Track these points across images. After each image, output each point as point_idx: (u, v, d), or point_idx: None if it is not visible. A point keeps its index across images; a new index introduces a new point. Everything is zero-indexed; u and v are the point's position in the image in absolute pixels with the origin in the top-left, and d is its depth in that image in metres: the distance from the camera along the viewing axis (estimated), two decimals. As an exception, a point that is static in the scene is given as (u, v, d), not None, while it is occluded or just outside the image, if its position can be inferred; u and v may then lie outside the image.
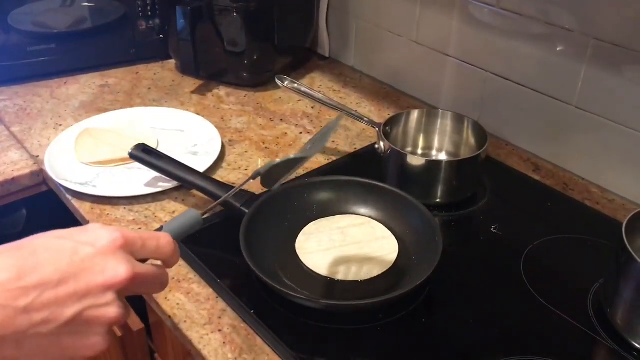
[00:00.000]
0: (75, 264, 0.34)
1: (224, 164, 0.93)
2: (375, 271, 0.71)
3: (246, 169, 0.92)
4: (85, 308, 0.34)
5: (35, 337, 0.33)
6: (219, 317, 0.66)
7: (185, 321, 0.65)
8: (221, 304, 0.67)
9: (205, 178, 0.81)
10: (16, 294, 0.32)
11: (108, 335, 0.36)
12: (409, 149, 0.92)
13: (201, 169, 0.87)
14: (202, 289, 0.70)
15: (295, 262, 0.72)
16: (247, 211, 0.74)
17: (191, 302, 0.68)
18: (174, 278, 0.71)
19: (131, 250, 0.37)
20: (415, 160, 0.82)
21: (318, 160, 0.95)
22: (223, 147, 0.96)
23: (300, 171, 0.92)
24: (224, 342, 0.63)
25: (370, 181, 0.80)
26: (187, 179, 0.81)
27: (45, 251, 0.34)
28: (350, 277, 0.70)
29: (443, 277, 0.70)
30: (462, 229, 0.82)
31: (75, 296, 0.34)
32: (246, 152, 0.96)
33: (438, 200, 0.83)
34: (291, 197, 0.79)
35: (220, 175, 0.90)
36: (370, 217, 0.79)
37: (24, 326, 0.32)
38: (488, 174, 0.90)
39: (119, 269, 0.36)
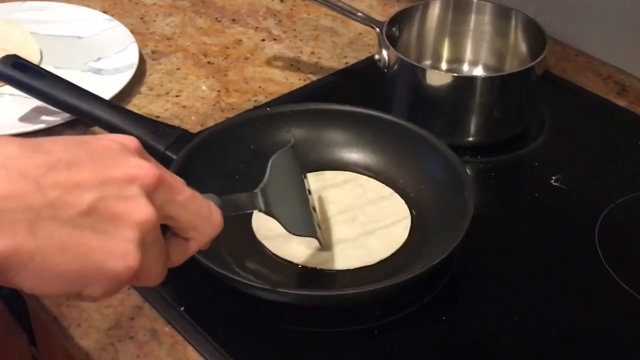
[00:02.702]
0: (89, 151, 0.40)
1: (144, 88, 0.91)
2: (375, 254, 0.69)
3: (177, 95, 0.90)
4: (106, 196, 0.39)
5: (51, 223, 0.37)
6: (132, 318, 0.65)
7: (79, 324, 0.64)
8: (135, 299, 0.66)
9: (114, 108, 0.79)
10: (23, 164, 0.37)
11: (139, 247, 0.40)
12: (428, 62, 0.91)
13: (107, 94, 0.85)
14: (107, 276, 0.68)
15: (250, 238, 0.71)
16: (175, 157, 0.72)
17: (89, 296, 0.66)
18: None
19: (163, 193, 0.42)
20: (437, 78, 0.80)
21: (289, 82, 0.93)
22: (142, 61, 0.94)
23: (262, 97, 0.91)
24: (137, 356, 0.62)
25: (366, 110, 0.78)
26: (85, 109, 0.79)
27: (50, 141, 0.40)
28: (338, 266, 0.68)
29: (474, 254, 0.69)
30: (506, 182, 0.81)
31: (93, 180, 0.39)
32: (178, 69, 0.94)
33: (470, 138, 0.82)
34: (243, 139, 0.77)
35: (136, 105, 0.88)
36: (363, 167, 0.78)
37: (37, 202, 0.37)
38: (547, 99, 0.88)
39: (142, 163, 0.41)
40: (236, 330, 0.64)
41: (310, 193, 0.68)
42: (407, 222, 0.72)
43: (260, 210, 0.59)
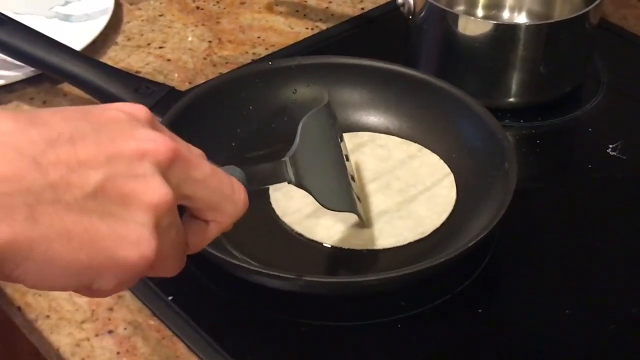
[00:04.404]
0: (93, 122, 0.41)
1: (120, 38, 0.91)
2: (427, 222, 0.70)
3: (160, 47, 0.91)
4: (115, 174, 0.39)
5: (54, 207, 0.38)
6: (110, 309, 0.65)
7: (48, 316, 0.65)
8: None
9: (86, 61, 0.80)
10: (19, 140, 0.38)
11: (155, 232, 0.41)
12: (461, 8, 0.91)
13: (77, 44, 0.85)
14: (79, 260, 0.69)
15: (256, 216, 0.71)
16: (159, 120, 0.72)
17: (59, 283, 0.67)
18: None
19: (177, 170, 0.43)
20: (472, 26, 0.80)
21: (294, 31, 0.93)
22: (118, 6, 0.95)
23: (262, 49, 0.91)
24: (118, 353, 0.62)
25: (387, 65, 0.79)
26: (51, 62, 0.79)
27: (48, 113, 0.40)
28: (387, 243, 0.69)
29: (517, 235, 0.69)
30: (554, 151, 0.81)
31: (99, 156, 0.39)
32: (161, 15, 0.95)
33: (511, 99, 0.82)
34: (240, 99, 0.78)
35: (112, 58, 0.89)
36: (384, 132, 0.79)
37: (36, 184, 0.37)
38: (604, 53, 0.88)
39: (154, 135, 0.42)
40: (234, 323, 0.64)
41: (348, 160, 0.69)
42: (449, 180, 0.74)
43: (289, 182, 0.60)
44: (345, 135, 0.77)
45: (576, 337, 0.64)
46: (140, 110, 0.43)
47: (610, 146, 0.79)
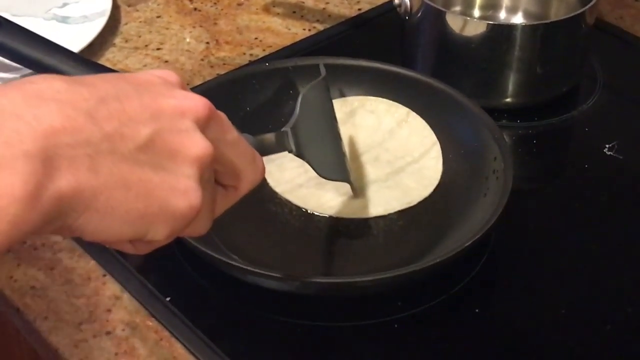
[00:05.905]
0: (133, 84, 0.43)
1: (118, 39, 0.92)
2: (414, 193, 0.72)
3: (158, 49, 0.91)
4: (162, 128, 0.42)
5: (112, 158, 0.40)
6: (108, 311, 0.66)
7: (46, 317, 0.65)
8: (112, 287, 0.67)
9: (84, 63, 0.80)
10: (73, 97, 0.40)
11: (201, 185, 0.43)
12: (458, 8, 0.91)
13: (75, 46, 0.86)
14: (77, 262, 0.69)
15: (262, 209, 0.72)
16: None
17: (58, 284, 0.67)
18: (25, 242, 0.70)
19: (212, 128, 0.45)
20: (468, 27, 0.81)
21: (292, 32, 0.93)
22: (116, 8, 0.95)
23: (259, 51, 0.91)
24: (116, 354, 0.63)
25: (383, 66, 0.79)
26: (48, 64, 0.79)
27: (89, 77, 0.42)
28: (375, 212, 0.71)
29: (513, 234, 0.70)
30: (551, 151, 0.82)
31: (145, 110, 0.42)
32: (158, 17, 0.95)
33: (508, 99, 0.83)
34: (237, 100, 0.78)
35: (110, 60, 0.89)
36: None
37: (95, 136, 0.40)
38: (600, 53, 0.89)
39: (191, 95, 0.44)
40: (231, 324, 0.65)
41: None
42: (436, 151, 0.75)
43: (290, 152, 0.61)
44: (336, 102, 0.77)
45: (573, 337, 0.64)
46: (171, 74, 0.46)
47: (607, 146, 0.79)
